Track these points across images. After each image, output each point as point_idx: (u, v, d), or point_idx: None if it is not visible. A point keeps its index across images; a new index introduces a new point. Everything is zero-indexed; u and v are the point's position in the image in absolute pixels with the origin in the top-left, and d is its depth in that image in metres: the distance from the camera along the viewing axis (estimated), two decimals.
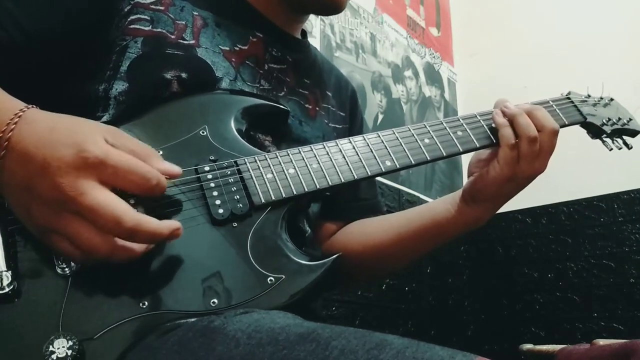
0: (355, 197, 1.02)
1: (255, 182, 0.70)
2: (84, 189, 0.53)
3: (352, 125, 1.06)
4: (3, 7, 0.68)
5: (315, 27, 1.90)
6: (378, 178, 1.02)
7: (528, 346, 1.62)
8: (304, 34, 1.01)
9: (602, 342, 1.30)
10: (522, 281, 2.29)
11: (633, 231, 2.08)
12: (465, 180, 0.89)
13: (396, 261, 0.99)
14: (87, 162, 0.54)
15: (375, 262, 0.97)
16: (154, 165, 0.59)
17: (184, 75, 0.76)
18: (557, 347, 1.41)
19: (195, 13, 0.82)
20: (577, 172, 2.14)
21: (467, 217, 0.87)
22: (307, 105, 0.93)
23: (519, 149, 0.79)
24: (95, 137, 0.56)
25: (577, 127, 0.95)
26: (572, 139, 1.00)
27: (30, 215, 0.55)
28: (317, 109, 0.95)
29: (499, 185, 0.81)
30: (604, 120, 0.95)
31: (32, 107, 0.59)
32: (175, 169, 0.62)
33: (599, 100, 0.97)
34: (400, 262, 1.00)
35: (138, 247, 0.57)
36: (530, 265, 2.29)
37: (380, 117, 2.14)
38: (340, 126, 1.00)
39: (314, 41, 1.86)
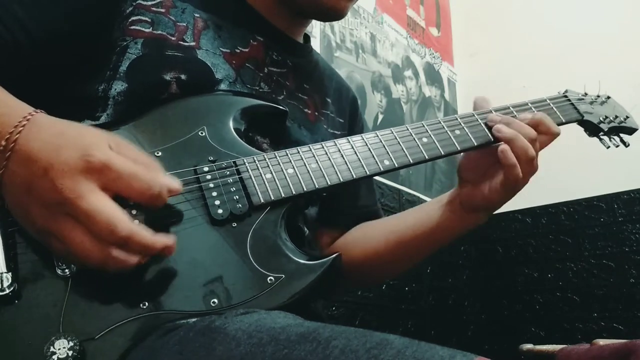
0: (355, 204, 1.02)
1: (255, 182, 0.70)
2: (83, 192, 0.53)
3: (352, 132, 1.05)
4: (8, 9, 0.69)
5: (315, 27, 1.90)
6: (378, 178, 1.02)
7: (528, 346, 1.62)
8: (307, 38, 1.01)
9: (602, 342, 1.30)
10: (522, 281, 2.29)
11: (633, 231, 2.08)
12: None
13: (396, 267, 1.00)
14: (91, 165, 0.54)
15: (376, 268, 0.97)
16: (155, 177, 0.59)
17: (183, 76, 0.76)
18: (557, 347, 1.41)
19: (196, 15, 0.82)
20: (577, 172, 2.14)
21: (469, 222, 0.89)
22: (306, 110, 0.93)
23: (518, 168, 0.80)
24: (100, 143, 0.56)
25: (577, 128, 0.96)
26: (571, 139, 1.00)
27: (29, 216, 0.56)
28: (317, 114, 0.95)
29: (499, 202, 0.84)
30: (601, 118, 0.95)
31: (40, 111, 0.59)
32: (176, 183, 0.61)
33: (595, 99, 0.98)
34: (400, 268, 1.01)
35: (131, 259, 0.56)
36: (530, 265, 2.29)
37: (380, 117, 2.14)
38: (339, 132, 1.00)
39: (314, 41, 1.86)
